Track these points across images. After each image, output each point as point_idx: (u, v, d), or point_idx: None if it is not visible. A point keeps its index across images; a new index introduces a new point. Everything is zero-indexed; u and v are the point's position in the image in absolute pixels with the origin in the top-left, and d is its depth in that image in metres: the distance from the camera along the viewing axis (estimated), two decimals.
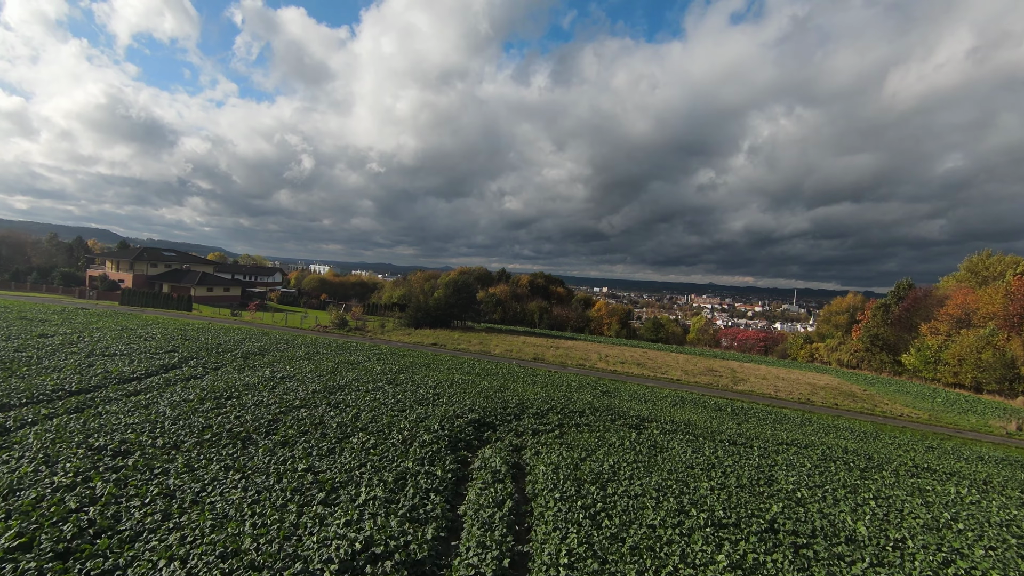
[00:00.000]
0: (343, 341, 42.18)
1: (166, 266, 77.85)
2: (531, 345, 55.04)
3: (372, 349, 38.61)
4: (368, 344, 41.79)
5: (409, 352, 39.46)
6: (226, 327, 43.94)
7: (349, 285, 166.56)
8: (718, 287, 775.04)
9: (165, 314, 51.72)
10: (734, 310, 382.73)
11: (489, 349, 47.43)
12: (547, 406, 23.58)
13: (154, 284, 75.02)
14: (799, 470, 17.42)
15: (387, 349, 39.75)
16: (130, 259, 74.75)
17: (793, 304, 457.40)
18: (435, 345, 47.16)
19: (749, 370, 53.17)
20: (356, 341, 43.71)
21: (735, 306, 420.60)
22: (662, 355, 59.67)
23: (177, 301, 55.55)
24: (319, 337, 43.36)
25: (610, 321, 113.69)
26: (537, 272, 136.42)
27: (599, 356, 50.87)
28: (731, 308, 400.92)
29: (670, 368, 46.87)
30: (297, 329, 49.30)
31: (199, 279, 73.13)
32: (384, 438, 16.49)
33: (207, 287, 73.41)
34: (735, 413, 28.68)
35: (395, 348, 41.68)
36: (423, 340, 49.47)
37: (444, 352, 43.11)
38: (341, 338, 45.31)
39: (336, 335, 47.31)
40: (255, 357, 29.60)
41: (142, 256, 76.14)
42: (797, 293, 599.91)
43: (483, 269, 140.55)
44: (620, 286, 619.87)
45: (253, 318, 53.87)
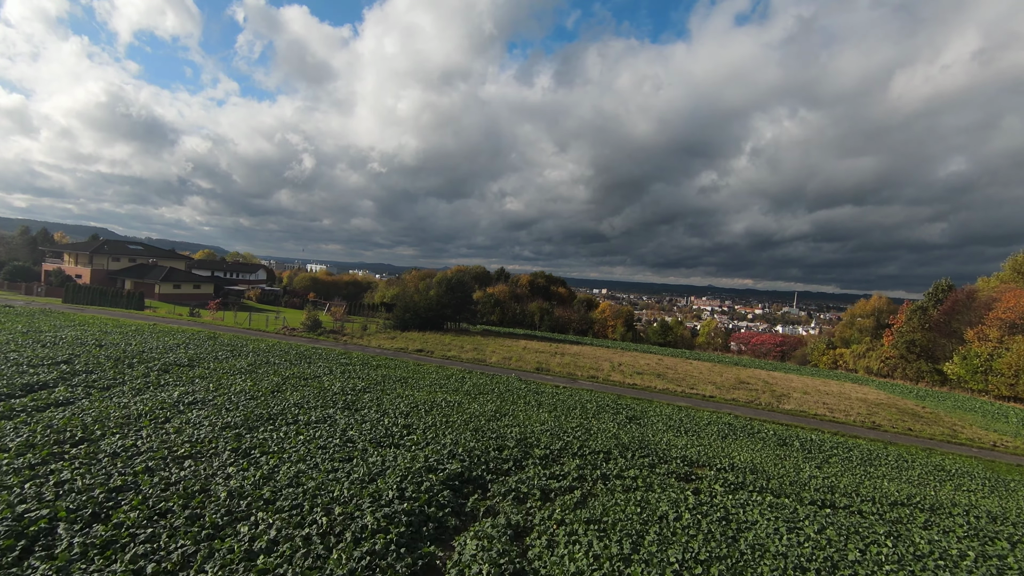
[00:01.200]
0: (309, 347, 35.23)
1: (130, 260, 70.77)
2: (533, 351, 48.12)
3: (341, 358, 31.67)
4: (339, 351, 34.85)
5: (387, 361, 32.55)
6: (172, 329, 36.98)
7: (342, 284, 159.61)
8: (717, 289, 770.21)
9: (109, 313, 44.71)
10: (734, 312, 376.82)
11: (484, 356, 40.49)
12: (559, 443, 16.80)
13: (116, 280, 67.99)
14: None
15: (360, 358, 32.81)
16: (89, 252, 67.67)
17: (793, 307, 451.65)
18: (421, 352, 40.21)
19: (783, 381, 46.34)
20: (325, 347, 36.75)
21: (735, 308, 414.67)
22: (681, 363, 52.80)
23: (128, 299, 48.60)
24: (280, 342, 36.43)
25: (615, 323, 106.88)
26: (538, 272, 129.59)
27: (612, 365, 43.98)
28: (731, 310, 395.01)
29: (697, 380, 40.01)
30: (258, 332, 42.30)
31: (165, 275, 66.10)
32: (299, 522, 9.63)
33: (174, 283, 66.40)
34: (805, 448, 21.81)
35: (371, 356, 34.77)
36: (408, 345, 42.52)
37: (430, 361, 36.19)
38: (309, 343, 38.36)
39: (304, 339, 40.36)
40: (177, 370, 22.64)
41: (102, 249, 69.02)
42: (797, 296, 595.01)
43: (481, 268, 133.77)
44: (620, 288, 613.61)
45: (213, 318, 47.00)
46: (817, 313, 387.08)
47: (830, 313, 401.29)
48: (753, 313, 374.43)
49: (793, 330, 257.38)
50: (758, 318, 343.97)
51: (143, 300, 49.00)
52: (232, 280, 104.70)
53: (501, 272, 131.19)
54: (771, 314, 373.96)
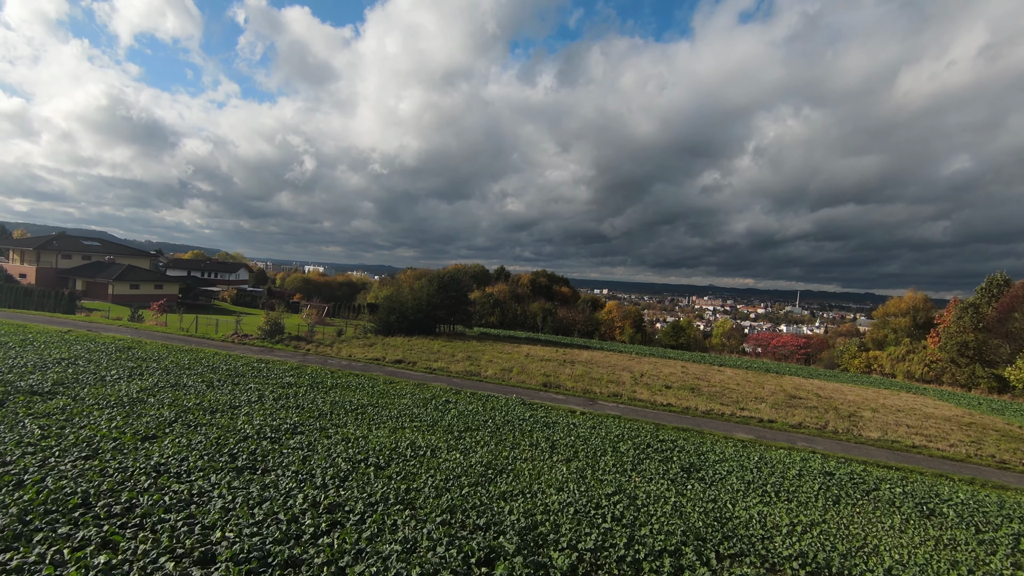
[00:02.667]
0: (254, 360, 27.69)
1: (84, 258, 63.24)
2: (537, 360, 40.58)
3: (288, 375, 24.14)
4: (292, 365, 27.33)
5: (350, 378, 25.01)
6: (82, 337, 29.40)
7: (336, 285, 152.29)
8: (719, 289, 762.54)
9: (19, 318, 37.22)
10: (736, 312, 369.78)
11: (479, 368, 32.93)
12: (592, 535, 9.51)
13: (67, 280, 60.48)
14: None
15: (315, 374, 25.26)
16: (36, 249, 60.15)
17: (796, 306, 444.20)
18: (400, 363, 32.63)
19: (836, 394, 38.80)
20: (277, 359, 29.20)
21: (737, 308, 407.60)
22: (711, 372, 45.24)
23: (56, 300, 41.12)
24: (221, 353, 28.89)
25: (623, 324, 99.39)
26: (539, 271, 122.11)
27: (633, 376, 36.46)
28: (733, 310, 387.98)
29: (739, 396, 32.47)
30: (200, 340, 34.70)
31: (120, 273, 58.53)
32: None
33: (130, 283, 58.86)
34: (964, 518, 14.25)
35: (333, 370, 27.21)
36: (386, 354, 34.97)
37: (409, 376, 28.65)
38: (259, 354, 30.84)
39: (256, 349, 32.81)
40: (20, 401, 15.13)
41: (50, 245, 61.42)
42: (799, 295, 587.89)
43: (480, 267, 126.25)
44: (620, 288, 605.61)
45: (156, 323, 39.49)
46: (820, 312, 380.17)
47: (833, 312, 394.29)
48: (755, 313, 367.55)
49: (797, 329, 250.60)
50: (761, 317, 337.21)
51: (73, 302, 41.46)
52: (209, 280, 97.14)
53: (501, 271, 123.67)
54: (774, 313, 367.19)
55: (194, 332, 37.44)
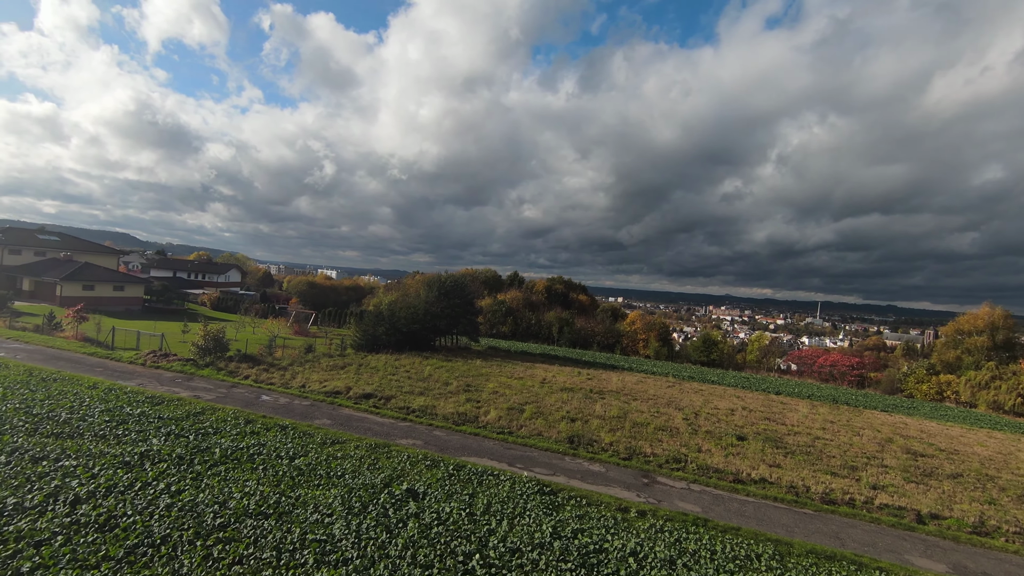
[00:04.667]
0: (145, 396, 18.80)
1: (36, 253, 55.42)
2: (557, 390, 31.24)
3: (174, 424, 15.12)
4: (202, 405, 18.39)
5: (269, 435, 15.88)
6: None
7: (342, 289, 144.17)
8: (736, 299, 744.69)
9: None
10: (754, 322, 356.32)
11: (478, 408, 23.66)
12: None
13: (15, 278, 52.64)
14: None
15: (223, 423, 16.16)
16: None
17: (816, 317, 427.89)
18: (369, 398, 23.45)
19: (954, 443, 28.88)
20: (186, 395, 20.24)
21: (755, 318, 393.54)
22: (774, 404, 35.40)
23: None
24: (103, 384, 20.05)
25: (647, 337, 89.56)
26: (555, 277, 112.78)
27: (686, 418, 26.94)
28: (751, 320, 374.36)
29: (844, 452, 22.76)
30: (101, 360, 25.92)
31: (72, 272, 50.48)
32: None
33: (83, 283, 50.74)
34: None
35: (257, 416, 18.08)
36: (355, 383, 25.92)
37: (372, 425, 19.48)
38: (167, 384, 21.92)
39: (170, 375, 23.93)
40: None
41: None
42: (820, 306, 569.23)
43: (492, 271, 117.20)
44: (636, 296, 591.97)
45: (74, 333, 30.92)
46: (842, 324, 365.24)
47: (855, 324, 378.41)
48: (775, 324, 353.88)
49: (819, 342, 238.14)
50: (780, 328, 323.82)
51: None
52: (194, 282, 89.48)
53: (515, 277, 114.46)
54: (793, 325, 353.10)
55: (111, 345, 28.75)
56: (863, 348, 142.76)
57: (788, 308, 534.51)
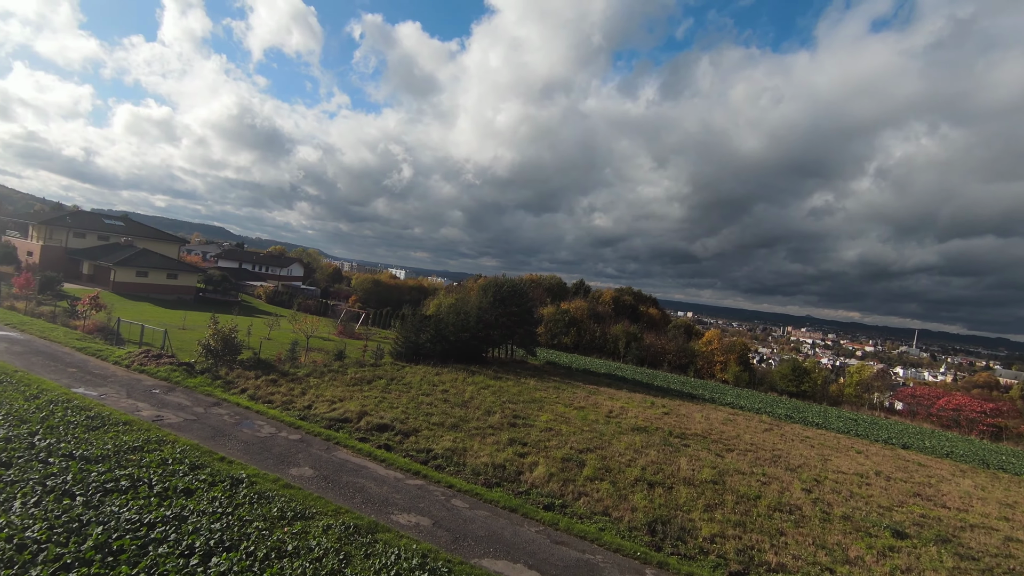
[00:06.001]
0: (89, 413, 14.44)
1: (100, 237, 55.41)
2: (627, 430, 24.62)
3: (57, 480, 10.38)
4: (151, 436, 13.77)
5: (210, 500, 10.89)
6: None
7: (405, 289, 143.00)
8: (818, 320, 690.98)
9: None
10: (839, 348, 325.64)
11: (522, 463, 17.54)
12: None
13: (77, 261, 52.65)
14: None
15: (139, 474, 11.34)
16: (45, 224, 52.86)
17: (913, 346, 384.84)
18: (383, 431, 18.08)
19: None
20: (143, 414, 15.75)
21: (840, 343, 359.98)
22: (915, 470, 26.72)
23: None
24: (51, 393, 15.97)
25: (726, 360, 79.95)
26: (624, 288, 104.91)
27: (804, 485, 19.59)
28: (835, 345, 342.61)
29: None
30: (87, 358, 22.28)
31: (127, 258, 49.57)
32: None
33: (137, 270, 49.71)
34: None
35: (218, 457, 13.09)
36: (375, 406, 20.77)
37: (369, 481, 13.89)
38: (142, 396, 17.65)
39: (150, 381, 19.74)
40: None
41: (63, 222, 53.94)
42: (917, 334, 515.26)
43: (557, 278, 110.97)
44: (707, 312, 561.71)
45: (89, 322, 28.03)
46: (942, 356, 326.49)
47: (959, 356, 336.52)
48: (863, 350, 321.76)
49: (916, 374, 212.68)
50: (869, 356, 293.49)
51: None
52: (257, 274, 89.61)
53: (581, 285, 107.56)
54: (885, 353, 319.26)
55: (120, 339, 25.37)
56: (971, 384, 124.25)
57: (879, 334, 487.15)
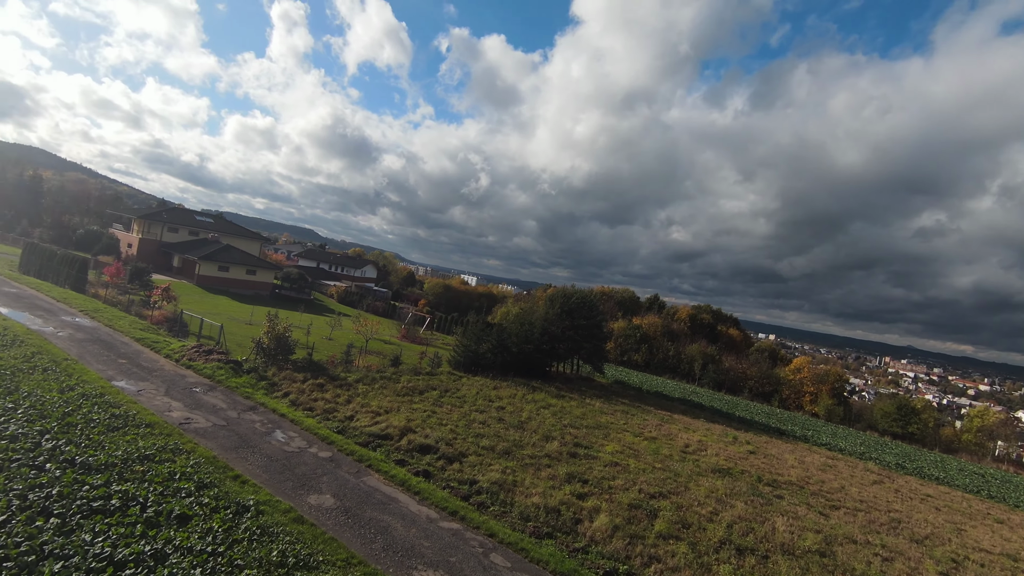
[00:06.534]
0: (120, 403, 13.48)
1: (191, 232, 58.55)
2: (707, 470, 21.09)
3: (45, 492, 9.04)
4: (151, 445, 12.53)
5: (156, 553, 9.23)
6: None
7: (475, 295, 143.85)
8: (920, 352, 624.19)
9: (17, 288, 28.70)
10: (947, 384, 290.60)
11: (582, 508, 14.85)
12: None
13: (169, 254, 55.88)
14: None
15: (138, 492, 9.87)
16: (143, 219, 56.52)
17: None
18: (425, 453, 16.09)
19: None
20: (168, 419, 14.69)
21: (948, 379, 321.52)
22: None
23: (72, 275, 32.76)
24: (88, 385, 15.27)
25: (816, 391, 72.12)
26: (701, 305, 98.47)
27: (940, 568, 15.44)
28: (942, 381, 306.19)
29: None
30: (141, 350, 21.98)
31: (211, 253, 51.82)
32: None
33: (219, 264, 51.82)
34: None
35: (211, 478, 11.69)
36: (420, 425, 18.90)
37: (383, 527, 11.89)
38: (160, 399, 16.74)
39: (192, 379, 18.84)
40: None
41: (159, 217, 57.45)
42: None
43: (630, 292, 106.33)
44: (792, 335, 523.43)
45: (158, 313, 28.38)
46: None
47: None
48: (976, 389, 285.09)
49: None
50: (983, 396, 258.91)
51: (85, 277, 32.80)
52: (332, 273, 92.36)
53: (655, 300, 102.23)
54: (1004, 394, 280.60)
55: (185, 331, 25.31)
56: None
57: (996, 372, 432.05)
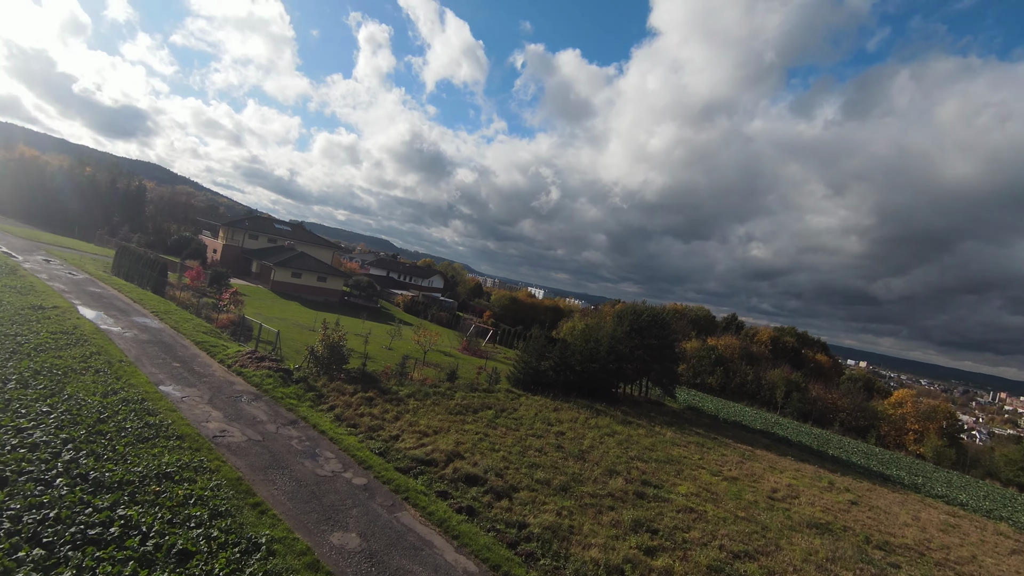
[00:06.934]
0: (141, 423, 12.79)
1: (270, 240, 61.07)
2: (801, 526, 17.78)
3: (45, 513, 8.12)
4: (172, 462, 11.60)
5: None
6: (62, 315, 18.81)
7: (541, 309, 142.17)
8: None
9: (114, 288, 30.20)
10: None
11: (651, 567, 12.75)
12: None
13: (249, 260, 58.50)
14: None
15: (135, 521, 8.82)
16: (226, 226, 59.66)
17: None
18: (471, 490, 14.36)
19: None
20: (202, 431, 13.85)
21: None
22: None
23: (153, 277, 34.26)
24: (132, 389, 14.82)
25: (923, 429, 63.76)
26: (785, 327, 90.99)
27: None
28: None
29: None
30: (196, 352, 21.81)
31: (285, 260, 53.56)
32: None
33: (292, 271, 53.42)
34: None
35: (227, 506, 10.51)
36: (469, 450, 17.23)
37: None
38: (201, 407, 16.06)
39: (239, 387, 18.09)
40: None
41: (242, 225, 60.43)
42: None
43: (704, 310, 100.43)
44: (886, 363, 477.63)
45: (225, 317, 28.80)
46: None
47: None
48: None
49: None
50: None
51: (165, 280, 34.07)
52: (401, 283, 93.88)
53: (732, 320, 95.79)
54: None
55: (251, 335, 25.33)
56: None
57: None
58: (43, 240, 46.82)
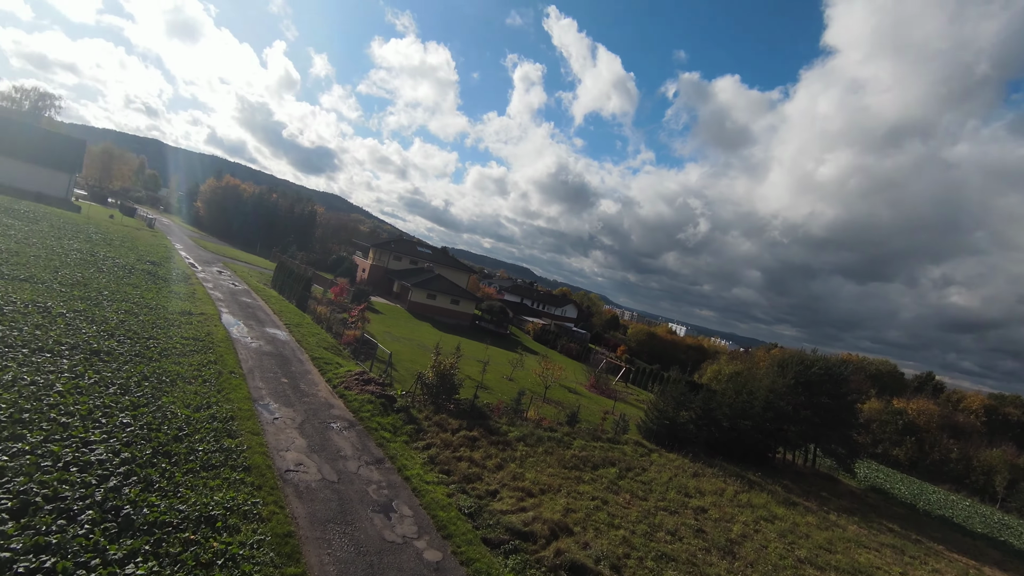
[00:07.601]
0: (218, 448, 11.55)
1: (411, 262, 63.58)
2: None
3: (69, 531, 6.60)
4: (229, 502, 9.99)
5: None
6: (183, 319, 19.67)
7: (683, 347, 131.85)
8: None
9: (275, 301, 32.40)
10: None
11: None
12: None
13: (391, 280, 61.37)
14: None
15: None
16: (374, 248, 63.32)
17: None
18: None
19: None
20: (279, 461, 12.27)
21: None
22: None
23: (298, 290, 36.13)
24: (223, 406, 13.92)
25: None
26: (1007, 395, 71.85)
27: None
28: None
29: None
30: (306, 370, 21.05)
31: (422, 281, 54.91)
32: None
33: (428, 292, 54.50)
34: None
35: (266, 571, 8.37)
36: (582, 527, 13.76)
37: None
38: (288, 432, 14.66)
39: (335, 412, 16.76)
40: None
41: (388, 247, 63.69)
42: None
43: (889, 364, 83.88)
44: None
45: (352, 331, 28.83)
46: None
47: None
48: None
49: None
50: None
51: (308, 291, 35.70)
52: (533, 310, 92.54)
53: (927, 379, 78.48)
54: None
55: (371, 353, 24.79)
56: None
57: None
58: (227, 254, 53.54)
